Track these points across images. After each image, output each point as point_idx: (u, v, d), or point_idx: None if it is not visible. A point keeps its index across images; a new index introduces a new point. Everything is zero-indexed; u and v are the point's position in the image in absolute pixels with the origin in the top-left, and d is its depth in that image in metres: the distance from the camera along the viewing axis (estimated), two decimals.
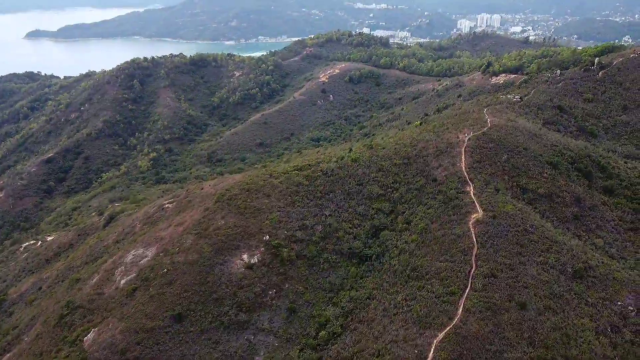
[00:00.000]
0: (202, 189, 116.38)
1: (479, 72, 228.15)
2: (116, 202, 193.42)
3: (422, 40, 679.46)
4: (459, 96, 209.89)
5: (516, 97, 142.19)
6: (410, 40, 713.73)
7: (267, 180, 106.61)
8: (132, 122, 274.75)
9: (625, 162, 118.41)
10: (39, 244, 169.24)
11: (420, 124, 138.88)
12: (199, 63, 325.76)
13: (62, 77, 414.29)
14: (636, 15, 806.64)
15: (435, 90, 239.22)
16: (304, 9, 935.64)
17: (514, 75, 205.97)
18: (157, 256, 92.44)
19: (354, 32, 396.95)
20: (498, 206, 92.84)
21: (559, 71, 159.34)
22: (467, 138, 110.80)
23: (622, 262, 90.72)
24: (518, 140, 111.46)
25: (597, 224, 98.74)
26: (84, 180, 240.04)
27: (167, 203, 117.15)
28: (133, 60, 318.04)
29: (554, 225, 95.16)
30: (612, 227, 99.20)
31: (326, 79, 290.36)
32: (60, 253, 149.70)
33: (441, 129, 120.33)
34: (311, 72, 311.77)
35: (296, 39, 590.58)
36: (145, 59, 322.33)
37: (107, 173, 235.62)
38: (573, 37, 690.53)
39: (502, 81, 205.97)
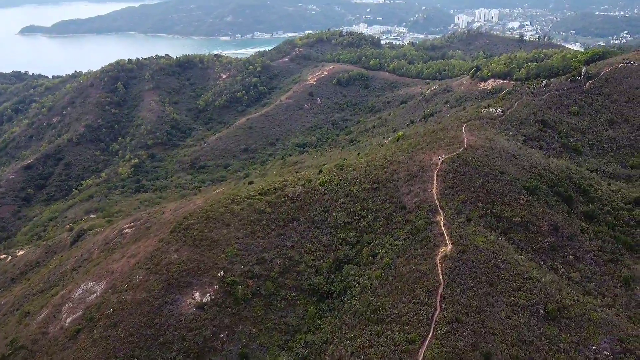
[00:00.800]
0: (163, 213, 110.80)
1: (468, 77, 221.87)
2: (91, 214, 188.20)
3: (418, 35, 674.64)
4: (446, 102, 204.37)
5: (498, 110, 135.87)
6: (407, 35, 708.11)
7: (228, 207, 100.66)
8: (115, 126, 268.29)
9: (609, 184, 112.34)
10: (8, 259, 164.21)
11: (398, 139, 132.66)
12: (185, 64, 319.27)
13: (50, 77, 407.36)
14: (635, 10, 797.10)
15: (423, 95, 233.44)
16: (300, 4, 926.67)
17: (502, 81, 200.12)
18: (105, 292, 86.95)
19: (344, 32, 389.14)
20: (468, 239, 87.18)
21: (544, 82, 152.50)
22: (441, 161, 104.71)
23: (599, 298, 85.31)
24: (494, 163, 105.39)
25: (575, 255, 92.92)
26: (64, 187, 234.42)
27: (127, 227, 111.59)
28: (117, 62, 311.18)
29: (528, 257, 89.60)
30: (591, 259, 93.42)
31: (314, 81, 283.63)
32: (26, 272, 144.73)
33: (415, 148, 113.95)
34: (299, 73, 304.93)
35: (292, 34, 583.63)
36: (130, 60, 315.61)
37: (87, 180, 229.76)
38: (571, 33, 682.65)
39: (490, 87, 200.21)
